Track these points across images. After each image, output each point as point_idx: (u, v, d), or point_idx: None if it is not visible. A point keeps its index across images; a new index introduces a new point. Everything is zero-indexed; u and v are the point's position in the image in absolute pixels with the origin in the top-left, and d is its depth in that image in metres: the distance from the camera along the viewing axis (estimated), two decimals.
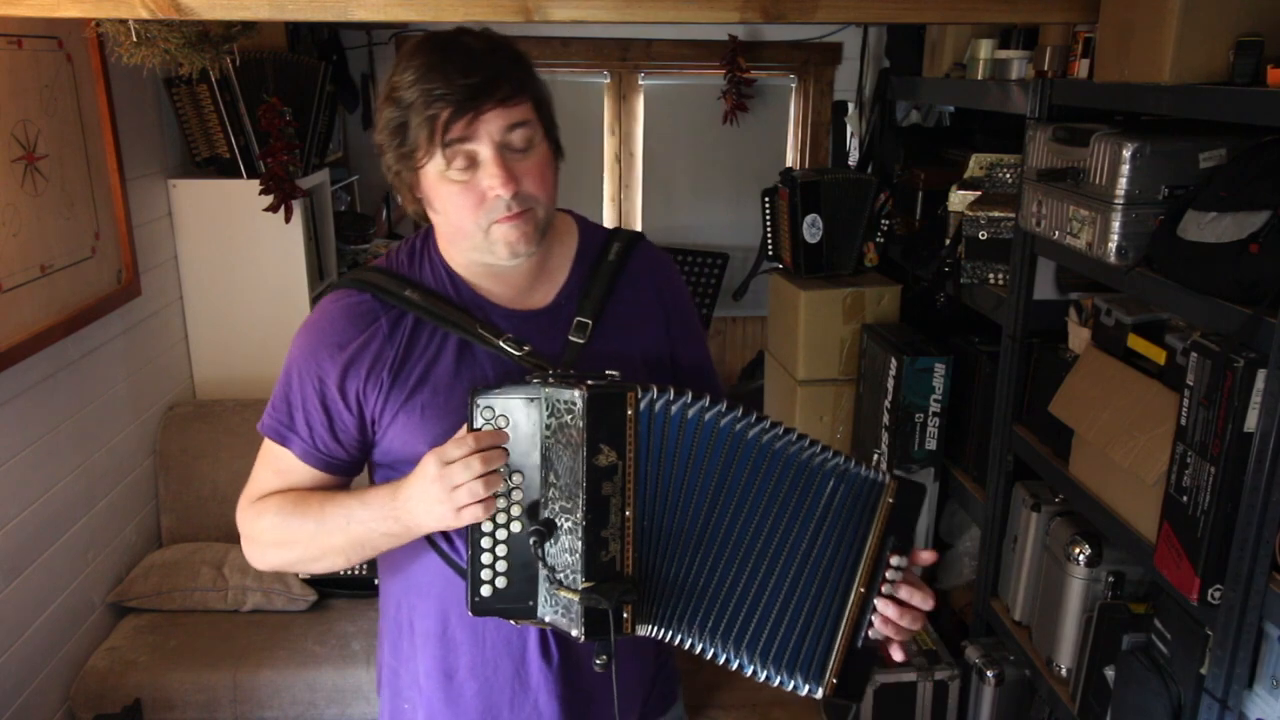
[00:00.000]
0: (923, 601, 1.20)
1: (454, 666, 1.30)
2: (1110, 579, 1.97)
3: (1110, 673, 1.88)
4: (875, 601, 1.19)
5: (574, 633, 1.14)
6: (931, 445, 2.69)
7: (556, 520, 1.14)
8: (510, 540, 1.15)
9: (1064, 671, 2.09)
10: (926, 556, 1.22)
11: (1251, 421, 1.46)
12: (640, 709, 1.43)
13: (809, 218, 2.98)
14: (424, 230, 1.29)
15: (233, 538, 2.83)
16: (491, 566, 1.15)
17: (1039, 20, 2.15)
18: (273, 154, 2.82)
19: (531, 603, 1.16)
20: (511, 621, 1.21)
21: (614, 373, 1.15)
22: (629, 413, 1.13)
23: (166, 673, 2.41)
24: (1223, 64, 1.63)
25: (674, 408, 1.14)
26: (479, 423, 1.12)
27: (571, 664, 1.30)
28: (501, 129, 1.12)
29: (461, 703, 1.31)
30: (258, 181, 2.84)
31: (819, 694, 1.20)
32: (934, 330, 2.80)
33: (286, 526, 1.23)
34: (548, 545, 1.14)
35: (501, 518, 1.14)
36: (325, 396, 1.22)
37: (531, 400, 1.12)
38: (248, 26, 2.50)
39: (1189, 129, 1.76)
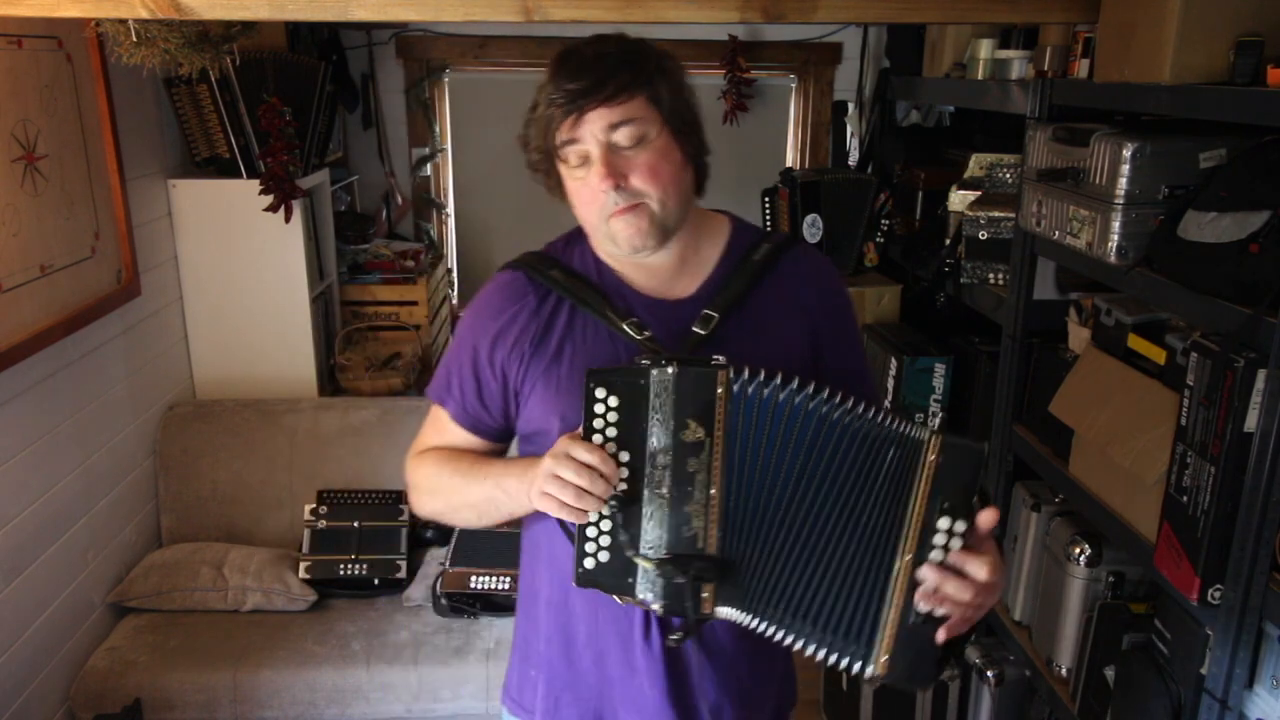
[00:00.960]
0: (976, 569, 1.13)
1: (574, 633, 1.34)
2: (1110, 579, 1.97)
3: (1110, 673, 1.88)
4: (921, 570, 1.14)
5: (655, 607, 1.17)
6: None
7: (646, 493, 1.16)
8: (614, 518, 1.17)
9: (1064, 671, 2.09)
10: (985, 518, 1.14)
11: (1251, 421, 1.46)
12: (773, 712, 1.43)
13: (809, 218, 2.98)
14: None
15: (233, 537, 2.84)
16: (596, 540, 1.17)
17: (1039, 20, 2.15)
18: (273, 154, 2.82)
19: (631, 580, 1.18)
20: (615, 599, 1.24)
21: (719, 357, 1.16)
22: (719, 391, 1.14)
23: (166, 673, 2.41)
24: (1223, 64, 1.63)
25: (767, 390, 1.15)
26: (592, 400, 1.16)
27: (674, 655, 1.31)
28: (604, 128, 1.17)
29: (580, 669, 1.35)
30: (258, 181, 2.83)
31: (869, 672, 1.16)
32: (934, 330, 2.80)
33: (438, 475, 1.35)
34: (633, 514, 1.16)
35: (605, 508, 1.16)
36: (477, 363, 1.31)
37: (640, 384, 1.15)
38: (248, 26, 2.50)
39: (1189, 129, 1.76)
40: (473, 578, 2.59)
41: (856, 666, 1.17)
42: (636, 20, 1.84)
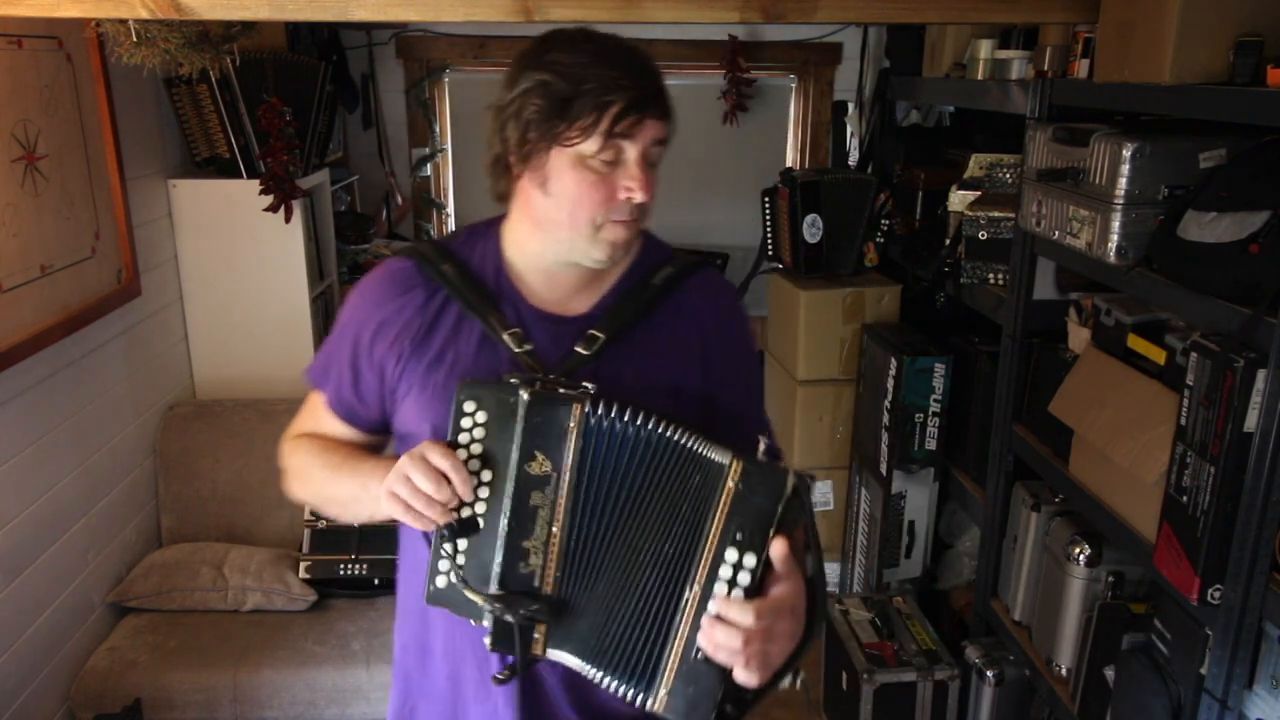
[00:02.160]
0: (740, 615, 1.04)
1: (431, 644, 1.32)
2: (1110, 579, 1.97)
3: (1110, 673, 1.88)
4: (708, 607, 1.07)
5: (485, 640, 1.14)
6: (931, 445, 2.69)
7: (481, 520, 1.12)
8: (470, 537, 1.14)
9: (1064, 671, 2.09)
10: (776, 549, 1.06)
11: (1251, 421, 1.46)
12: None
13: (809, 218, 2.98)
14: (501, 215, 1.28)
15: (233, 537, 2.84)
16: (451, 558, 1.14)
17: (1039, 20, 2.15)
18: (273, 154, 2.82)
19: (481, 589, 1.14)
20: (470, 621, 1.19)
21: (589, 385, 1.12)
22: (570, 424, 1.09)
23: (166, 673, 2.41)
24: (1223, 64, 1.63)
25: (619, 424, 1.10)
26: (460, 414, 1.13)
27: (531, 677, 1.26)
28: (652, 139, 1.15)
29: (433, 679, 1.33)
30: (258, 181, 2.83)
31: (649, 705, 1.11)
32: (934, 330, 2.80)
33: (309, 465, 1.32)
34: (474, 542, 1.12)
35: (466, 511, 1.12)
36: (356, 354, 1.26)
37: (509, 399, 1.11)
38: (248, 26, 2.50)
39: (1189, 129, 1.76)
40: None
41: (639, 699, 1.12)
42: (637, 20, 1.83)
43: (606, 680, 1.14)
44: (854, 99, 3.68)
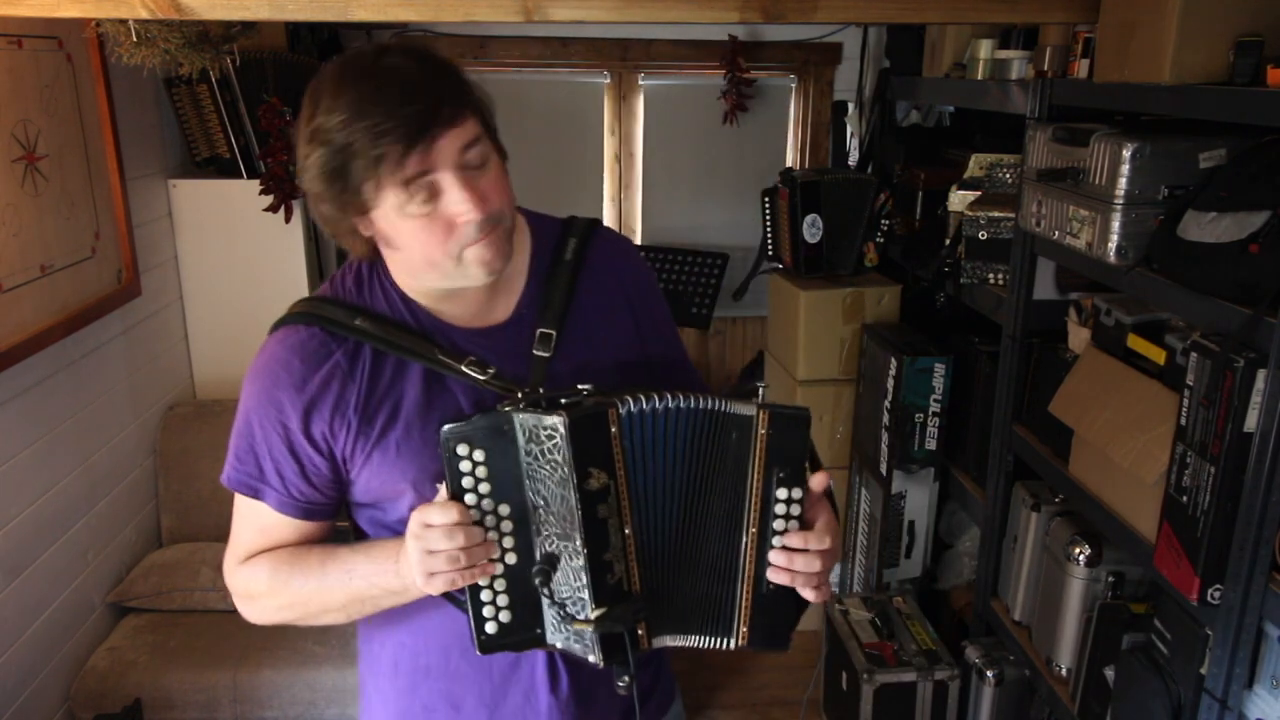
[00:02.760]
0: (817, 541, 1.14)
1: (462, 698, 1.27)
2: (1110, 579, 1.97)
3: (1110, 673, 1.88)
4: (776, 554, 1.15)
5: (591, 659, 1.14)
6: (931, 445, 2.69)
7: (556, 552, 1.12)
8: (507, 573, 1.12)
9: (1064, 671, 2.09)
10: (817, 481, 1.14)
11: (1251, 421, 1.46)
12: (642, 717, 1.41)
13: (809, 218, 2.98)
14: (364, 260, 1.21)
15: None
16: (493, 603, 1.12)
17: (1039, 20, 2.15)
18: (273, 154, 2.82)
19: (539, 630, 1.14)
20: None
21: (585, 386, 1.12)
22: (613, 430, 1.10)
23: (166, 673, 2.41)
24: (1223, 64, 1.63)
25: (648, 410, 1.11)
26: (455, 459, 1.08)
27: (580, 688, 1.28)
28: (457, 151, 1.05)
29: None
30: (258, 181, 2.84)
31: (730, 646, 1.18)
32: (934, 330, 2.80)
33: (286, 585, 1.19)
34: (554, 576, 1.12)
35: (495, 551, 1.11)
36: (292, 442, 1.16)
37: (505, 430, 1.08)
38: (248, 26, 2.50)
39: (1189, 129, 1.76)
40: None
41: (720, 644, 1.19)
42: (637, 20, 1.83)
43: (694, 640, 1.19)
44: (854, 99, 3.67)
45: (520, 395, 1.11)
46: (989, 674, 2.29)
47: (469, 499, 1.09)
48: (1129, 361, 1.85)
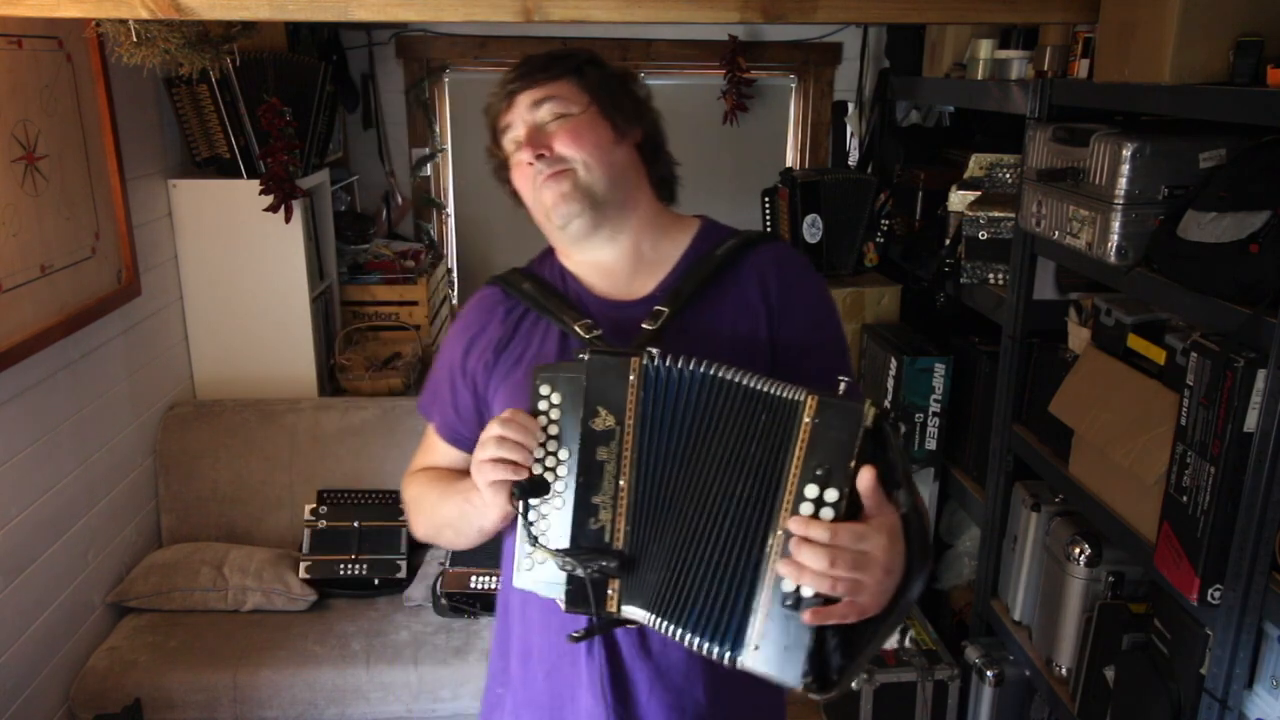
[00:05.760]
0: (842, 537, 0.99)
1: (531, 646, 1.32)
2: (1110, 579, 1.97)
3: (1110, 673, 1.88)
4: (791, 543, 1.02)
5: (560, 602, 1.13)
6: (931, 445, 2.69)
7: (552, 481, 1.13)
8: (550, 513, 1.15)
9: (1064, 671, 2.09)
10: (864, 479, 1.01)
11: (1251, 421, 1.46)
12: None
13: (809, 218, 2.98)
14: None
15: (233, 537, 2.84)
16: (533, 541, 1.14)
17: (1039, 20, 2.15)
18: (273, 154, 2.82)
19: (556, 581, 1.14)
20: (559, 605, 1.16)
21: (653, 350, 1.13)
22: (630, 378, 1.12)
23: (166, 673, 2.41)
24: (1223, 64, 1.63)
25: (676, 369, 1.11)
26: (536, 397, 1.15)
27: (618, 672, 1.25)
28: (528, 106, 1.24)
29: (535, 686, 1.32)
30: (258, 181, 2.83)
31: (740, 662, 1.05)
32: (934, 330, 2.80)
33: (423, 497, 1.36)
34: (548, 505, 1.14)
35: (537, 469, 1.14)
36: (453, 374, 1.34)
37: (579, 376, 1.13)
38: (248, 26, 2.50)
39: (1189, 129, 1.76)
40: (473, 578, 2.59)
41: (728, 655, 1.06)
42: (637, 20, 1.83)
43: (690, 638, 1.08)
44: (854, 99, 3.67)
45: (600, 349, 1.17)
46: (989, 674, 2.29)
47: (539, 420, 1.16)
48: (1129, 361, 1.85)
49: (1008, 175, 2.41)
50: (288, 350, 3.08)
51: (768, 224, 3.17)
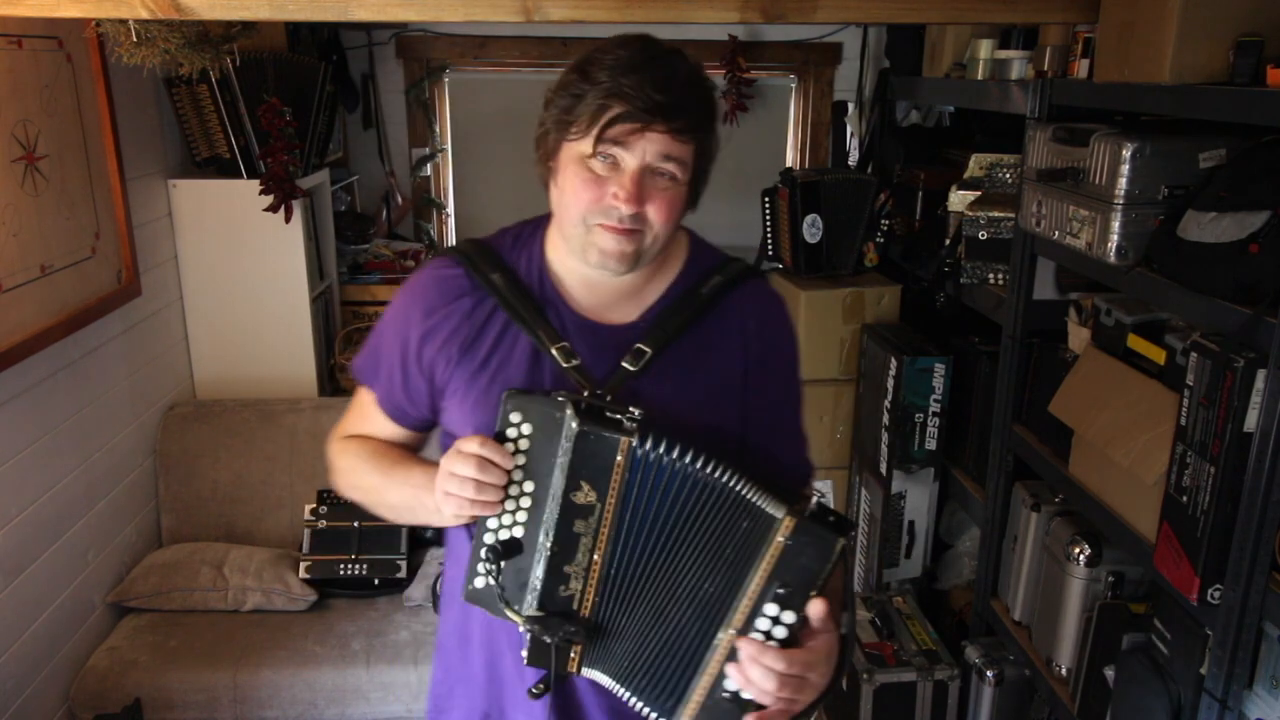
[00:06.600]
0: (773, 661, 1.08)
1: (470, 632, 1.33)
2: (1110, 579, 1.97)
3: (1110, 673, 1.88)
4: (741, 650, 1.10)
5: (522, 653, 1.18)
6: (931, 445, 2.69)
7: (524, 539, 1.14)
8: (509, 543, 1.16)
9: (1064, 671, 2.09)
10: (814, 609, 1.09)
11: (1251, 421, 1.46)
12: None
13: (809, 218, 2.98)
14: (545, 215, 1.28)
15: (233, 537, 2.84)
16: (494, 563, 1.15)
17: (1039, 20, 2.15)
18: (273, 154, 2.82)
19: (518, 607, 1.17)
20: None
21: (636, 411, 1.12)
22: (618, 459, 1.10)
23: (166, 673, 2.41)
24: (1223, 64, 1.63)
25: (666, 458, 1.11)
26: (505, 424, 1.14)
27: (568, 687, 1.28)
28: (657, 154, 1.13)
29: (471, 670, 1.34)
30: (258, 181, 2.83)
31: None
32: (934, 330, 2.80)
33: (360, 471, 1.34)
34: (518, 561, 1.15)
35: (508, 519, 1.15)
36: (405, 355, 1.27)
37: (556, 418, 1.11)
38: (248, 26, 2.50)
39: (1189, 129, 1.76)
40: None
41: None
42: (636, 20, 1.84)
43: (633, 700, 1.19)
44: (854, 99, 3.67)
45: (587, 394, 1.17)
46: (989, 674, 2.29)
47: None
48: (1129, 361, 1.85)
49: (1008, 175, 2.41)
50: (288, 350, 3.08)
51: (768, 224, 3.16)
